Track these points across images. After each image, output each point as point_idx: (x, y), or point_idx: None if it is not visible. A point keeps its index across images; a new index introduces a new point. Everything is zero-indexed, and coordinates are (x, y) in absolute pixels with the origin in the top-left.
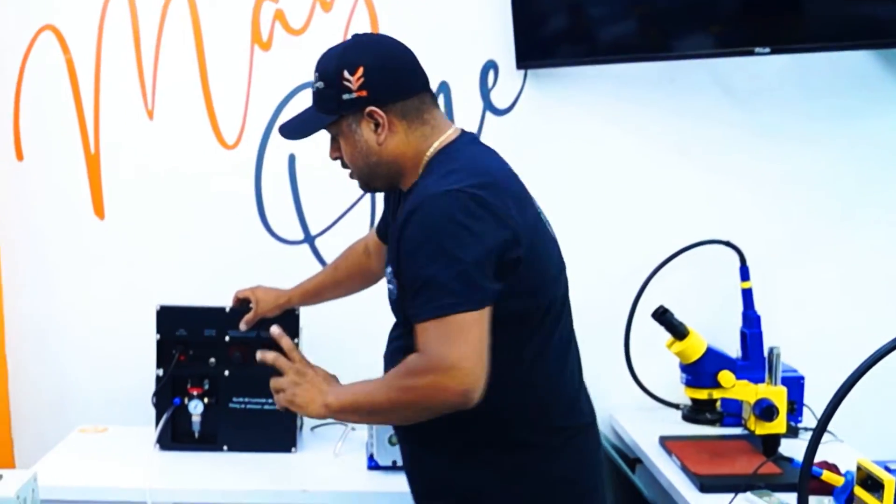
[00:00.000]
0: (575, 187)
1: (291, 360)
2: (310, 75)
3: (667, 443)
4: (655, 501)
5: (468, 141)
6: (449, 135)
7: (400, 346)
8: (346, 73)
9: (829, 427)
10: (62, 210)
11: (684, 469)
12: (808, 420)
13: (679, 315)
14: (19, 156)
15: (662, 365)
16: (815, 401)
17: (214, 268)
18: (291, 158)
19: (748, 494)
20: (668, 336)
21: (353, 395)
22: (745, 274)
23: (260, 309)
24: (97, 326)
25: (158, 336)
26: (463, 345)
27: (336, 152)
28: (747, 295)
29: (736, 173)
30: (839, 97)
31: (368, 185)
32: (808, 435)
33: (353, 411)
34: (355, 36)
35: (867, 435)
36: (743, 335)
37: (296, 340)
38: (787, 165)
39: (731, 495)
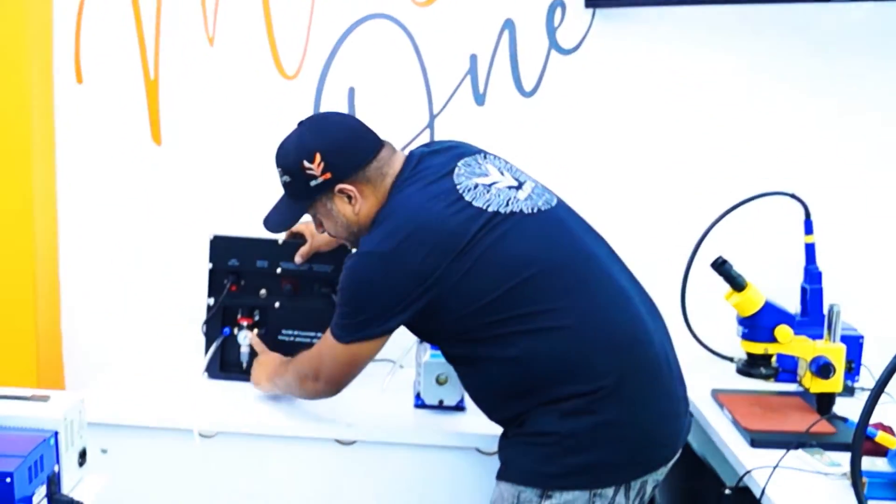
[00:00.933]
0: (637, 132)
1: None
2: (374, 6)
3: (719, 396)
4: (705, 456)
5: (405, 178)
6: (395, 174)
7: None
8: (305, 163)
9: (887, 389)
10: (120, 135)
11: (735, 423)
12: (865, 380)
13: (738, 267)
14: (79, 79)
15: (718, 318)
16: (873, 361)
17: (269, 199)
18: (351, 91)
19: (799, 452)
20: (725, 288)
21: (272, 383)
22: (808, 228)
23: (315, 243)
24: (150, 252)
25: (211, 265)
26: (341, 366)
27: (321, 228)
28: (810, 249)
29: (804, 124)
30: None
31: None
32: (865, 395)
33: (277, 389)
34: (300, 124)
35: None
36: (803, 291)
37: None
38: (858, 118)
39: (782, 452)
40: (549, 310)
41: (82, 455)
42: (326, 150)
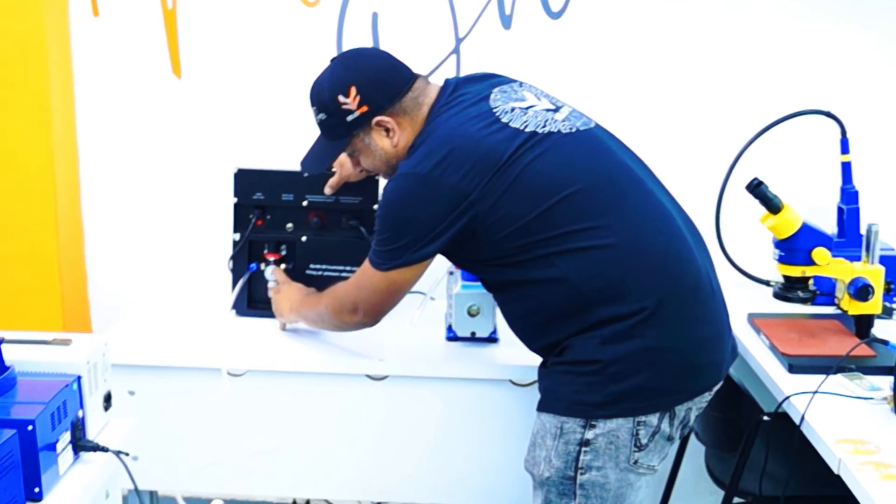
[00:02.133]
0: (669, 53)
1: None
2: None
3: (755, 320)
4: (742, 382)
5: (441, 104)
6: (431, 104)
7: None
8: (341, 98)
9: None
10: (139, 68)
11: (773, 349)
12: None
13: (774, 188)
14: (95, 11)
15: (753, 241)
16: None
17: (294, 131)
18: (374, 17)
19: (839, 377)
20: (761, 210)
21: (297, 314)
22: (845, 147)
23: (344, 172)
24: (174, 188)
25: (236, 199)
26: (380, 293)
27: (359, 166)
28: (846, 169)
29: (838, 42)
30: None
31: None
32: None
33: (303, 321)
34: (333, 60)
35: None
36: (840, 211)
37: (374, 206)
38: (893, 34)
39: (821, 377)
40: (589, 228)
41: (107, 399)
42: (361, 82)
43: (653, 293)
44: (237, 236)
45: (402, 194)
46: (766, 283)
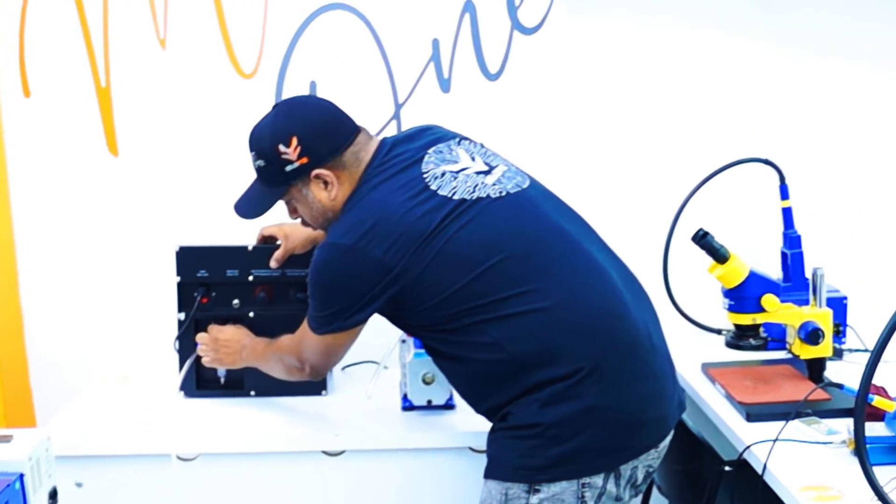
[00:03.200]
0: (604, 109)
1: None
2: None
3: (709, 370)
4: (700, 432)
5: (375, 165)
6: (369, 159)
7: None
8: (281, 147)
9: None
10: (74, 148)
11: (729, 398)
12: (852, 341)
13: (719, 237)
14: (26, 92)
15: (703, 290)
16: (857, 320)
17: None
18: (313, 86)
19: (796, 422)
20: (706, 260)
21: (251, 361)
22: (784, 193)
23: (290, 245)
24: (115, 269)
25: (179, 278)
26: (319, 355)
27: (294, 214)
28: (787, 214)
29: (773, 90)
30: (880, 9)
31: None
32: (853, 357)
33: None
34: (276, 106)
35: None
36: (784, 256)
37: None
38: (827, 80)
39: (779, 424)
40: (518, 294)
41: (53, 496)
42: (303, 133)
43: (588, 353)
44: (182, 315)
45: (329, 265)
46: (718, 332)
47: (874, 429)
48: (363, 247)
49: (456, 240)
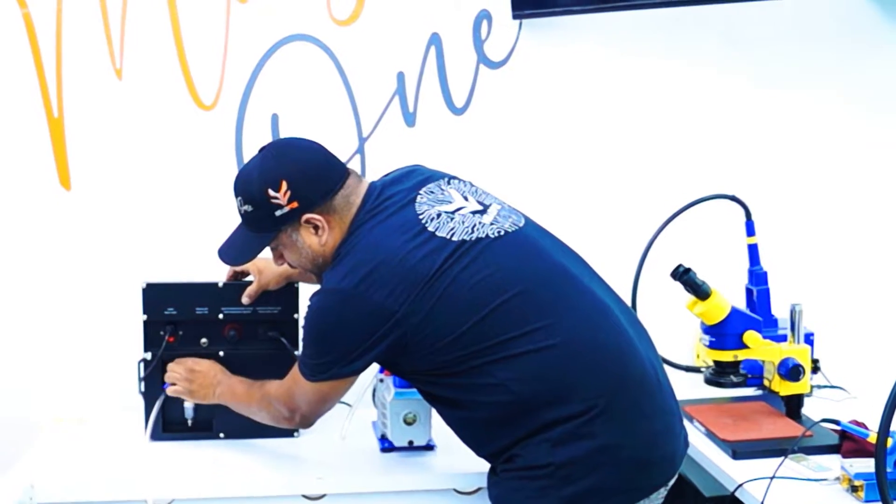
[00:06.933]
0: (571, 143)
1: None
2: (293, 27)
3: (686, 408)
4: (684, 471)
5: (367, 209)
6: (360, 203)
7: None
8: (270, 192)
9: (842, 384)
10: (23, 182)
11: (711, 435)
12: (818, 378)
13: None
14: None
15: (668, 328)
16: (821, 355)
17: (198, 240)
18: (275, 119)
19: (787, 461)
20: (674, 298)
21: (225, 400)
22: (750, 229)
23: (263, 280)
24: (74, 309)
25: (145, 316)
26: (312, 404)
27: (281, 259)
28: (753, 251)
29: (739, 125)
30: (841, 42)
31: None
32: (823, 393)
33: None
34: (263, 149)
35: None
36: (749, 292)
37: (295, 316)
38: (794, 116)
39: (762, 461)
40: (526, 333)
41: None
42: (293, 177)
43: (600, 391)
44: (148, 355)
45: (327, 312)
46: (697, 370)
47: (870, 465)
48: (363, 291)
49: (459, 282)
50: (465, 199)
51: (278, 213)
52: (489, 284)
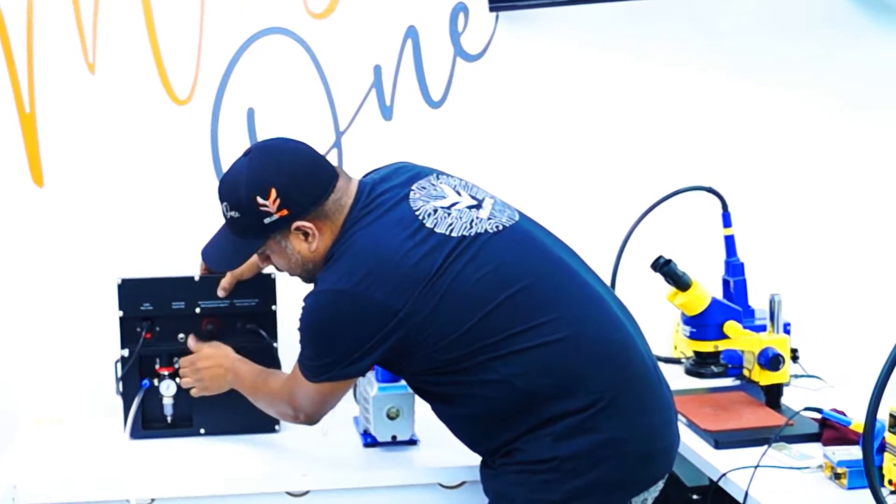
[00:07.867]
0: (549, 135)
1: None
2: (268, 20)
3: None
4: None
5: (360, 208)
6: (351, 204)
7: None
8: (259, 199)
9: (819, 373)
10: None
11: (692, 425)
12: (794, 367)
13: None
14: None
15: (647, 319)
16: (798, 345)
17: (173, 235)
18: (250, 113)
19: (769, 450)
20: (652, 289)
21: (239, 388)
22: (727, 220)
23: (236, 271)
24: (48, 307)
25: (121, 312)
26: (315, 404)
27: (267, 262)
28: (730, 242)
29: (716, 117)
30: (818, 35)
31: (313, 281)
32: (800, 382)
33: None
34: (249, 152)
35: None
36: (725, 283)
37: (273, 307)
38: (770, 109)
39: (744, 450)
40: (531, 327)
41: None
42: (283, 184)
43: (606, 384)
44: (126, 352)
45: (325, 311)
46: (677, 362)
47: (852, 453)
48: (363, 291)
49: (462, 278)
50: (458, 193)
51: (267, 220)
52: (492, 280)
